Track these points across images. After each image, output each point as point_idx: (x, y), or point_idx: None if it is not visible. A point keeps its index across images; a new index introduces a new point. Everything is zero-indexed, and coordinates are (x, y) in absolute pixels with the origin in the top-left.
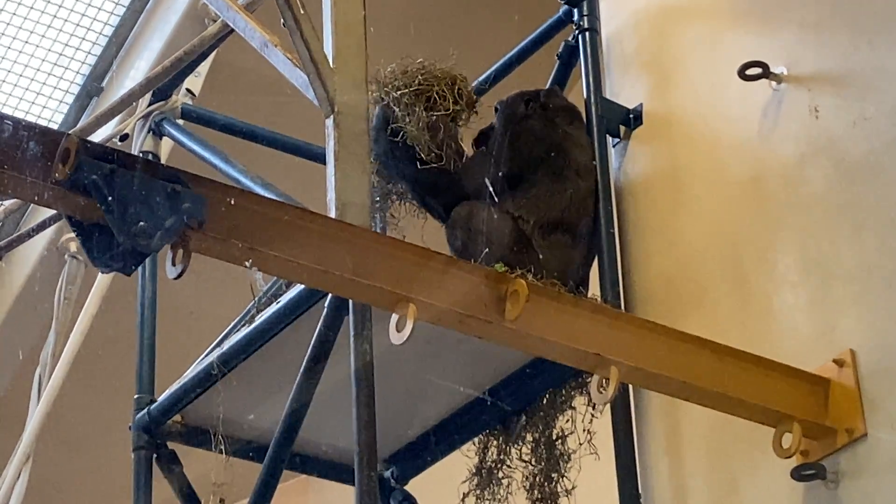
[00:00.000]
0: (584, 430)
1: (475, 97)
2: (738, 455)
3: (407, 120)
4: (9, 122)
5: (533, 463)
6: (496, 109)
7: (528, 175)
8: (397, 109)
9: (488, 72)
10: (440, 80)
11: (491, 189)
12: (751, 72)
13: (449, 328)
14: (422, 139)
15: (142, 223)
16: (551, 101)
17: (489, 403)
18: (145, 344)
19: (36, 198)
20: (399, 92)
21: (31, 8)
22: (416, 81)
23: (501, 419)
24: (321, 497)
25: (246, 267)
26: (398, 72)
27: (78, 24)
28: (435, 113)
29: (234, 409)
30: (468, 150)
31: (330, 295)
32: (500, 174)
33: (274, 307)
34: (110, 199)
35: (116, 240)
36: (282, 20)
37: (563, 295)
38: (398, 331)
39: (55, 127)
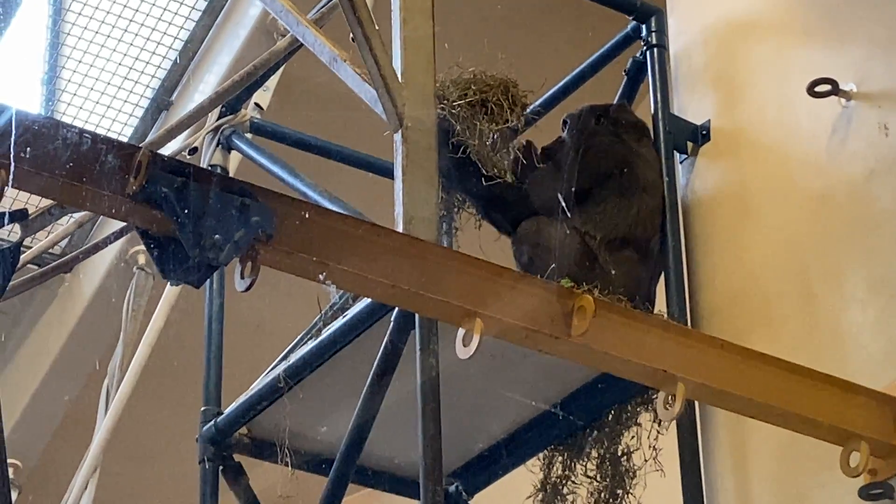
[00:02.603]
0: (649, 447)
1: (527, 101)
2: (805, 473)
3: (468, 135)
4: (87, 137)
5: (598, 479)
6: (564, 123)
7: (596, 191)
8: (457, 124)
9: (556, 87)
10: (493, 88)
11: (563, 203)
12: (820, 88)
13: (515, 343)
14: (486, 155)
15: (211, 236)
16: (621, 117)
17: (555, 418)
18: (212, 356)
19: (112, 211)
20: (456, 104)
21: (103, 23)
22: (471, 91)
23: (567, 435)
24: None
25: (320, 280)
26: (448, 82)
27: (148, 39)
28: (497, 127)
29: (301, 422)
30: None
31: (396, 309)
32: (568, 190)
33: (340, 321)
34: (180, 212)
35: (187, 253)
36: (351, 35)
37: (630, 311)
38: (464, 345)
39: (124, 140)
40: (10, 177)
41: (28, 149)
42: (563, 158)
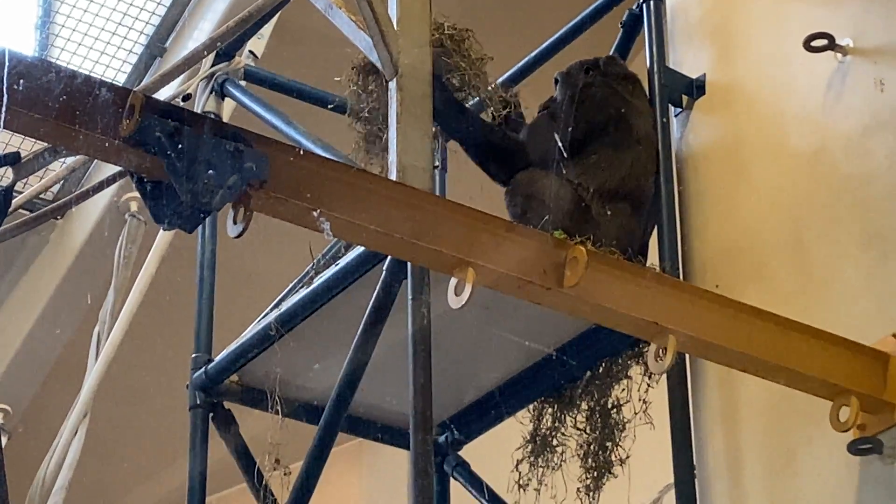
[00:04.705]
0: (639, 400)
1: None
2: (795, 428)
3: (475, 84)
4: (80, 79)
5: (588, 431)
6: (556, 81)
7: (590, 142)
8: (452, 56)
9: (551, 40)
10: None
11: (557, 154)
12: (816, 43)
13: (507, 294)
14: (494, 98)
15: (204, 181)
16: (612, 69)
17: (546, 370)
18: (204, 303)
19: (104, 153)
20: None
21: None
22: (453, 30)
23: (557, 386)
24: (375, 461)
25: (314, 219)
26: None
27: None
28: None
29: (291, 371)
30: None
31: (389, 257)
32: (563, 141)
33: (333, 269)
34: (173, 156)
35: (179, 197)
36: None
37: (622, 263)
38: (457, 295)
39: None
40: (2, 117)
41: (21, 81)
42: (558, 111)
